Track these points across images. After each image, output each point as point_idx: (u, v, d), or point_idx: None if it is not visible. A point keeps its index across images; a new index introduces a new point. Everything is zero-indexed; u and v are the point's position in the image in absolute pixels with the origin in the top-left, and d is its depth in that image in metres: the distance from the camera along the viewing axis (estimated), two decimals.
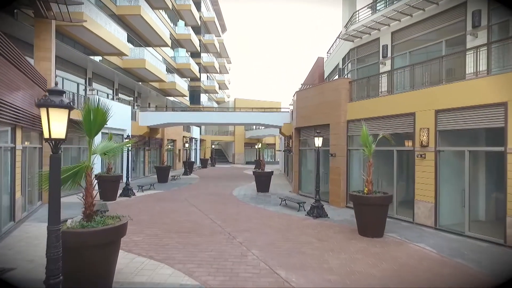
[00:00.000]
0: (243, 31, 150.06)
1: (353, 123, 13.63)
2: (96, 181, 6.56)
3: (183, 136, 38.01)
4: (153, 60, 27.14)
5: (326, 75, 24.80)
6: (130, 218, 6.30)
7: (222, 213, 12.40)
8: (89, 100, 5.87)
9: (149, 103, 31.90)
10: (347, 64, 18.46)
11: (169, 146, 34.22)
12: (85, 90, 21.18)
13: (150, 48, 30.13)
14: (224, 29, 65.86)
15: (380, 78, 13.41)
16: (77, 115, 17.11)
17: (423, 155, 10.40)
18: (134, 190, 17.22)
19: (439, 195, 10.13)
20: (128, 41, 26.29)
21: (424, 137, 10.30)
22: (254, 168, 38.42)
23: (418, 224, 10.52)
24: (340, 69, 19.96)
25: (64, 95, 3.83)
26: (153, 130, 27.80)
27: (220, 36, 61.08)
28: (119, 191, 16.10)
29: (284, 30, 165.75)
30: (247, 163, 51.66)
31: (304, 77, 32.57)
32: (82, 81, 21.39)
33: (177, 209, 13.19)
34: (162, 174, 22.97)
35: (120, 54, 22.02)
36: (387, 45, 15.18)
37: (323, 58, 27.41)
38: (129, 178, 16.85)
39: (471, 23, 11.39)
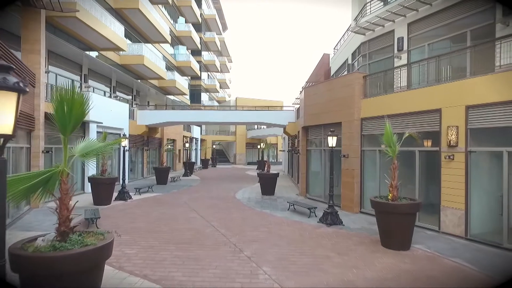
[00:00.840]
0: (244, 30, 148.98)
1: (368, 121, 12.53)
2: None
3: (183, 136, 36.92)
4: (152, 56, 26.05)
5: (332, 72, 23.70)
6: (118, 234, 5.19)
7: (225, 219, 11.30)
8: (61, 89, 4.68)
9: (148, 102, 30.82)
10: (358, 59, 17.37)
11: (169, 146, 33.14)
12: (80, 87, 20.09)
13: (149, 45, 29.03)
14: (225, 27, 64.80)
15: (399, 72, 12.27)
16: None
17: (451, 156, 9.30)
18: (131, 193, 16.14)
19: (470, 201, 9.02)
20: (126, 37, 25.21)
21: (453, 136, 9.19)
22: (257, 169, 37.41)
23: (446, 234, 9.42)
24: (349, 64, 18.86)
25: (11, 71, 2.71)
26: (152, 129, 26.70)
27: (221, 34, 60.01)
28: (115, 194, 15.01)
29: (285, 29, 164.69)
30: (249, 163, 50.57)
31: (307, 77, 31.48)
32: (77, 78, 20.33)
33: (177, 214, 12.10)
34: (161, 175, 21.88)
35: (117, 49, 20.93)
36: (402, 38, 14.07)
37: (329, 55, 26.34)
38: (126, 180, 15.74)
39: (501, 11, 10.30)
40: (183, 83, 35.68)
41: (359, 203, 12.80)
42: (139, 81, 27.99)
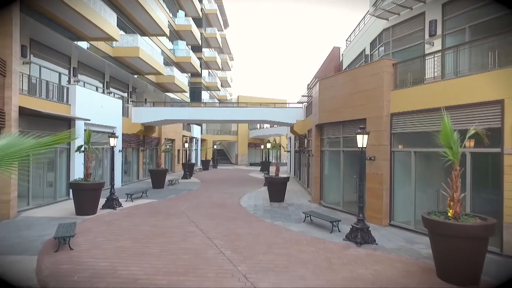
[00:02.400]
0: (246, 29, 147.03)
1: (400, 117, 10.53)
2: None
3: (183, 136, 34.95)
4: (148, 49, 24.06)
5: (345, 65, 21.68)
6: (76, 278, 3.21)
7: (230, 235, 9.31)
8: None
9: (145, 99, 28.83)
10: (378, 48, 15.36)
11: (167, 146, 31.15)
12: (69, 81, 18.12)
13: (146, 38, 27.02)
14: (226, 24, 62.80)
15: (442, 57, 10.23)
16: (52, 107, 14.02)
17: None
18: (122, 200, 14.16)
19: None
20: (121, 28, 23.24)
21: None
22: (260, 170, 35.38)
23: (510, 257, 7.42)
24: (367, 55, 16.86)
25: None
26: (148, 128, 24.72)
27: (222, 30, 58.06)
28: (103, 201, 13.04)
29: (287, 29, 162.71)
30: (251, 164, 48.56)
31: (311, 76, 29.53)
32: (65, 71, 18.33)
33: (172, 228, 10.10)
34: (158, 178, 19.89)
35: (108, 39, 18.95)
36: (435, 21, 12.06)
37: (339, 48, 24.35)
38: (116, 184, 13.74)
39: None
40: (182, 79, 33.68)
41: (388, 214, 10.80)
42: (136, 76, 26.01)
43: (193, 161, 39.86)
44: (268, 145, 22.28)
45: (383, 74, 10.84)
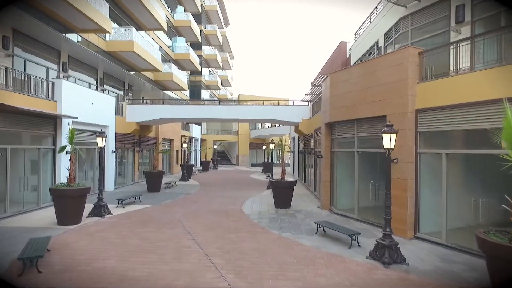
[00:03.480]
0: (246, 29, 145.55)
1: (427, 113, 9.15)
2: None
3: (182, 136, 33.56)
4: (144, 43, 22.70)
5: (353, 60, 20.27)
6: None
7: (232, 252, 7.93)
8: None
9: (142, 97, 27.42)
10: (394, 39, 13.97)
11: (166, 146, 29.78)
12: (58, 76, 16.74)
13: (143, 33, 25.63)
14: (227, 22, 61.45)
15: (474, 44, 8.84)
16: (34, 104, 12.63)
17: None
18: (111, 206, 12.79)
19: None
20: (115, 21, 21.91)
21: None
22: (262, 172, 33.93)
23: None
24: (380, 48, 15.45)
25: None
26: (144, 127, 23.35)
27: (223, 28, 56.71)
28: (90, 208, 11.68)
29: (288, 29, 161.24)
30: (252, 165, 47.16)
31: (314, 76, 28.16)
32: (54, 66, 16.96)
33: (165, 242, 8.71)
34: (153, 181, 18.50)
35: (100, 30, 17.60)
36: (463, 6, 10.68)
37: (347, 43, 22.98)
38: (103, 190, 12.36)
39: None
40: (181, 77, 32.33)
41: (413, 224, 9.42)
42: (132, 73, 24.64)
43: (192, 162, 38.51)
44: (272, 146, 20.91)
45: (407, 64, 9.45)
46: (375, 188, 10.93)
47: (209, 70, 51.64)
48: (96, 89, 20.43)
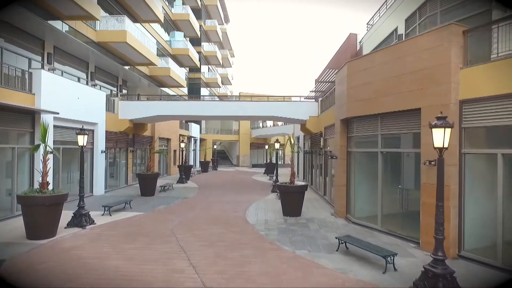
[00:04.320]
0: (247, 28, 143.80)
1: (475, 105, 7.48)
2: None
3: (180, 135, 31.89)
4: (138, 35, 21.01)
5: (365, 53, 18.59)
6: None
7: (237, 278, 6.25)
8: None
9: (138, 94, 25.75)
10: (420, 23, 12.29)
11: (163, 146, 28.11)
12: (42, 67, 15.08)
13: (138, 25, 23.93)
14: (227, 19, 59.80)
15: None
16: (8, 96, 10.94)
17: None
18: (96, 214, 11.12)
19: None
20: (108, 11, 20.26)
21: None
22: (265, 173, 32.14)
23: None
24: (400, 35, 13.78)
25: None
26: (138, 125, 21.67)
27: (223, 24, 55.06)
28: (68, 216, 10.02)
29: (290, 28, 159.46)
30: (254, 165, 45.47)
31: (317, 74, 26.52)
32: (37, 57, 15.29)
33: (152, 265, 7.02)
34: (147, 184, 16.81)
35: (87, 17, 15.90)
36: None
37: (356, 35, 21.31)
38: (84, 196, 10.68)
39: None
40: (179, 72, 30.65)
41: (457, 241, 7.75)
42: (126, 68, 22.96)
43: (191, 162, 36.83)
44: (277, 145, 19.23)
45: (450, 45, 7.78)
46: (404, 195, 9.26)
47: (208, 68, 49.97)
48: (87, 84, 18.77)
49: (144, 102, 20.65)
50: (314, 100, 21.19)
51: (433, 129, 5.69)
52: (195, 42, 40.52)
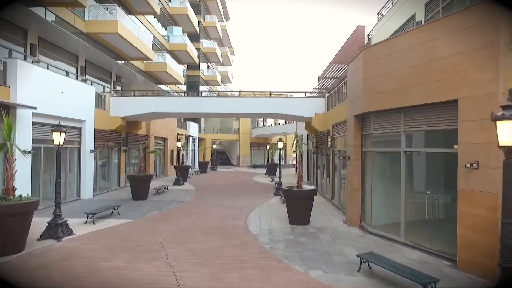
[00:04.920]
0: (247, 27, 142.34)
1: None
2: None
3: (177, 134, 30.52)
4: (132, 27, 19.65)
5: None
6: None
7: None
8: None
9: (133, 91, 24.38)
10: (443, 6, 10.90)
11: (160, 147, 26.74)
12: (25, 59, 13.72)
13: (133, 17, 22.57)
14: (227, 17, 58.36)
15: None
16: None
17: None
18: (78, 222, 9.74)
19: None
20: (99, 1, 18.88)
21: None
22: (266, 174, 30.70)
23: None
24: (419, 22, 12.41)
25: None
26: (132, 123, 20.29)
27: (223, 21, 53.65)
28: (41, 225, 8.64)
29: (291, 27, 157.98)
30: (254, 166, 44.08)
31: (320, 73, 25.17)
32: (19, 49, 13.92)
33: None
34: (139, 187, 15.42)
35: (74, 4, 14.55)
36: None
37: (364, 27, 19.95)
38: (60, 202, 9.28)
39: None
40: (176, 68, 29.29)
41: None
42: (120, 62, 21.59)
43: (189, 163, 35.47)
44: (280, 145, 17.86)
45: (496, 23, 6.39)
46: (433, 202, 7.89)
47: (208, 65, 48.57)
48: (76, 79, 17.39)
49: (137, 98, 19.26)
50: (320, 96, 19.79)
51: (499, 122, 4.30)
52: (194, 38, 39.15)
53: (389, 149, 9.52)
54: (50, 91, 12.79)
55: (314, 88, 24.61)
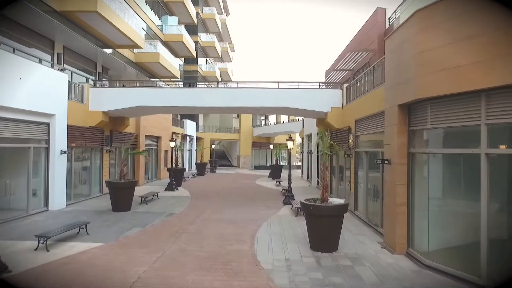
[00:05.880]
0: (248, 24, 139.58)
1: None
2: None
3: (172, 133, 27.79)
4: (117, 7, 16.92)
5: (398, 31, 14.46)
6: None
7: None
8: None
9: (116, 81, 21.64)
10: None
11: (146, 150, 23.98)
12: None
13: (125, 4, 19.82)
14: (227, 11, 55.67)
15: None
16: None
17: None
18: (23, 249, 7.00)
19: None
20: None
21: None
22: (270, 176, 27.48)
23: None
24: None
25: None
26: (117, 119, 17.58)
27: (222, 14, 50.96)
28: None
29: (294, 25, 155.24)
30: (256, 167, 41.34)
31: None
32: None
33: None
34: (120, 196, 12.66)
35: None
36: None
37: (385, 9, 17.27)
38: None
39: None
40: (171, 60, 26.58)
41: None
42: (106, 51, 18.88)
43: (185, 164, 32.75)
44: (290, 144, 15.16)
45: None
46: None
47: (206, 60, 45.86)
48: (51, 66, 14.69)
49: (122, 89, 16.44)
50: (336, 87, 16.97)
51: None
52: (192, 31, 36.43)
53: (458, 149, 6.78)
54: (1, 75, 10.04)
55: (321, 83, 21.78)
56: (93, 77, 19.15)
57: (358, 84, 13.29)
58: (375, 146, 10.89)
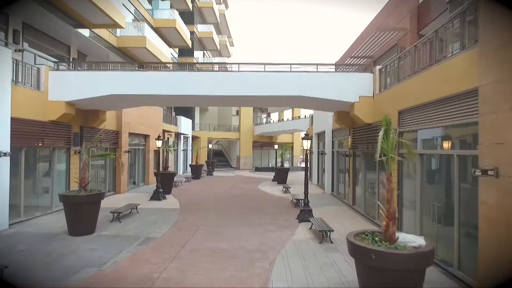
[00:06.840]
0: (248, 23, 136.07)
1: None
2: None
3: (164, 130, 24.36)
4: None
5: (437, 5, 11.06)
6: None
7: None
8: None
9: (85, 63, 18.17)
10: None
11: (127, 150, 20.60)
12: None
13: None
14: (226, 4, 52.26)
15: None
16: None
17: None
18: None
19: None
20: None
21: None
22: (274, 180, 23.65)
23: None
24: None
25: None
26: (88, 112, 14.23)
27: (221, 4, 47.60)
28: None
29: (295, 22, 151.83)
30: (257, 169, 37.92)
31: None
32: None
33: None
34: (79, 214, 9.25)
35: None
36: None
37: None
38: None
39: None
40: (161, 48, 23.22)
41: None
42: (83, 33, 15.52)
43: (179, 166, 29.40)
44: (306, 144, 11.80)
45: None
46: None
47: (204, 53, 42.45)
48: (6, 46, 11.34)
49: (92, 73, 12.88)
50: (366, 70, 13.55)
51: None
52: (187, 19, 33.03)
53: None
54: None
55: (350, 64, 18.25)
56: (65, 64, 15.76)
57: (402, 62, 9.92)
58: (430, 148, 7.58)
